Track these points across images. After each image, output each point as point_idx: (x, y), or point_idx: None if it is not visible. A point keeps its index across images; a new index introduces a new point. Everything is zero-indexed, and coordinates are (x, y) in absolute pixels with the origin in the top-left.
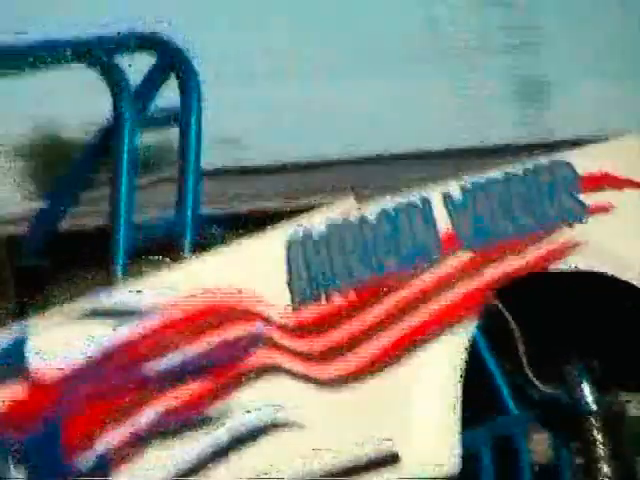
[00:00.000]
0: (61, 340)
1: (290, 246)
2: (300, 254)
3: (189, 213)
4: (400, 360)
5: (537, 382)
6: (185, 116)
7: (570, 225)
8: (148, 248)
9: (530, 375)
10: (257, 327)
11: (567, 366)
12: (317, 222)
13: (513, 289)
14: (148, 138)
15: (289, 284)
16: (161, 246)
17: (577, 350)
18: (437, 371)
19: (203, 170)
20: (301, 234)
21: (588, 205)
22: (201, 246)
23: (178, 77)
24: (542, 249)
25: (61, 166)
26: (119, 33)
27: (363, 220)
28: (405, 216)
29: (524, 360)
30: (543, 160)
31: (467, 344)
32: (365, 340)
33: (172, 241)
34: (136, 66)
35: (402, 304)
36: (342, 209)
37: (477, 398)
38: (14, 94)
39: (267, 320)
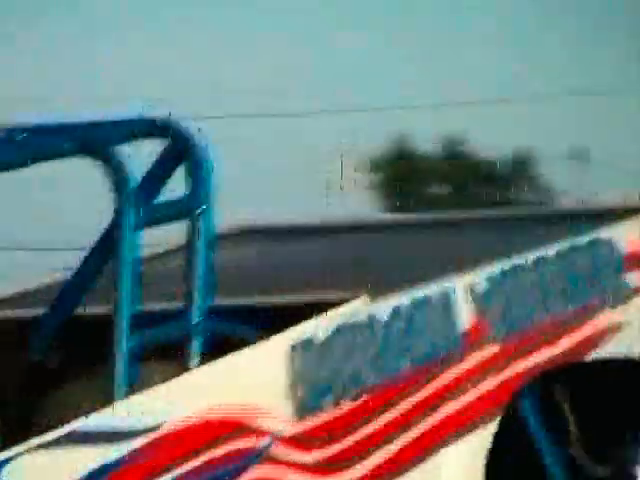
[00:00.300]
0: (43, 468)
1: (293, 352)
2: (303, 360)
3: (197, 316)
4: (416, 465)
5: (589, 462)
6: (194, 208)
7: (612, 307)
8: (154, 349)
9: (582, 455)
10: (260, 442)
11: (620, 447)
12: (323, 324)
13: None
14: None
15: (292, 392)
16: (169, 345)
17: (631, 430)
18: (456, 476)
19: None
20: (304, 338)
21: (633, 285)
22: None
23: (188, 166)
24: (579, 336)
25: (410, 179)
26: (125, 119)
27: (374, 318)
28: (422, 312)
29: (575, 440)
30: (581, 238)
31: (488, 444)
32: (378, 447)
33: (179, 342)
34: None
35: (418, 407)
36: (352, 308)
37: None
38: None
39: (271, 433)
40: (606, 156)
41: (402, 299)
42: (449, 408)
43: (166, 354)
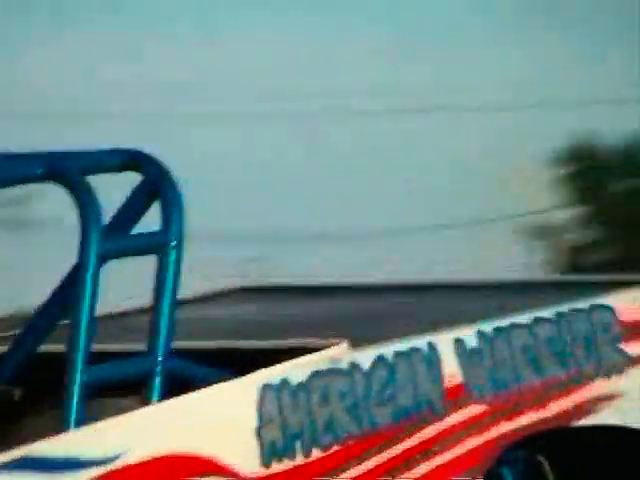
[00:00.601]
0: None
1: (263, 393)
2: (274, 402)
3: (160, 354)
4: None
5: None
6: (165, 244)
7: (607, 376)
8: (115, 385)
9: None
10: None
11: None
12: (298, 367)
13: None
14: None
15: (259, 435)
16: (130, 382)
17: None
18: None
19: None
20: (279, 380)
21: (631, 355)
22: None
23: (161, 201)
24: (569, 402)
25: (595, 175)
26: (98, 151)
27: (355, 366)
28: (406, 363)
29: None
30: (581, 303)
31: None
32: None
33: (141, 379)
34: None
35: (394, 462)
36: (331, 353)
37: None
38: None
39: (234, 476)
40: None
41: (386, 349)
42: (427, 466)
43: (129, 392)
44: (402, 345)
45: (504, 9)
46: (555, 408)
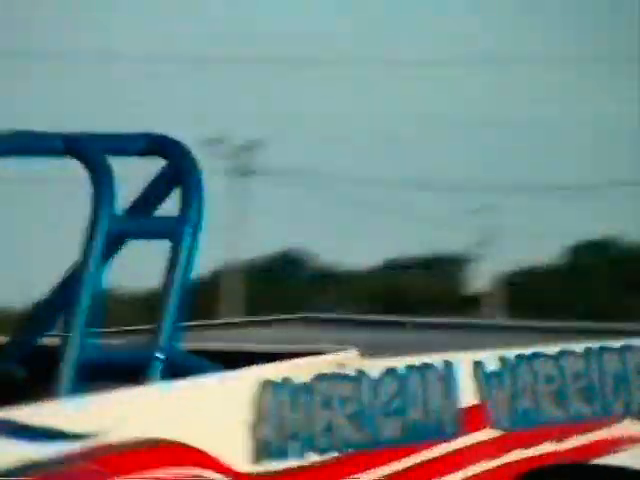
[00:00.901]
0: None
1: (263, 389)
2: (272, 399)
3: (164, 341)
4: None
5: None
6: (179, 230)
7: (637, 419)
8: (118, 369)
9: None
10: (209, 477)
11: None
12: (303, 367)
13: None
14: None
15: (254, 431)
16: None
17: None
18: None
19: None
20: (280, 377)
21: None
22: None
23: (182, 188)
24: (588, 438)
25: None
26: (124, 134)
27: (363, 374)
28: (419, 379)
29: None
30: (615, 342)
31: None
32: None
33: (142, 365)
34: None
35: (396, 477)
36: (339, 358)
37: None
38: None
39: (223, 470)
40: None
41: (397, 361)
42: None
43: (129, 377)
44: (415, 359)
45: None
46: (574, 443)
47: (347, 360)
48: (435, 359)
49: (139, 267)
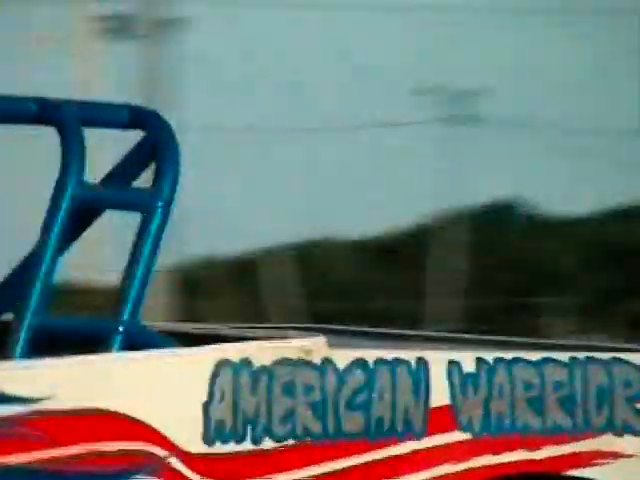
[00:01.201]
0: None
1: (220, 367)
2: (230, 380)
3: (124, 315)
4: None
5: None
6: (149, 205)
7: (618, 435)
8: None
9: None
10: (158, 454)
11: None
12: (265, 349)
13: None
14: None
15: (207, 411)
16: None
17: None
18: None
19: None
20: (239, 357)
21: None
22: None
23: (157, 161)
24: (565, 450)
25: None
26: (102, 103)
27: (329, 363)
28: (388, 373)
29: None
30: (603, 353)
31: None
32: None
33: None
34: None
35: (353, 474)
36: (306, 345)
37: None
38: None
39: (173, 448)
40: None
41: (367, 353)
42: None
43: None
44: (386, 353)
45: None
46: (546, 453)
47: (314, 347)
48: (408, 355)
49: None
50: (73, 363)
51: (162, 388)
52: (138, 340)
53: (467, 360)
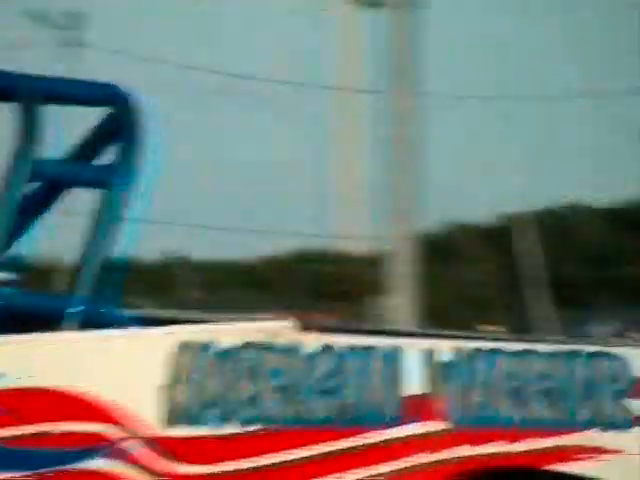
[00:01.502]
0: None
1: (183, 349)
2: (193, 361)
3: (83, 289)
4: None
5: None
6: (109, 182)
7: (602, 430)
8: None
9: None
10: (116, 434)
11: None
12: (230, 332)
13: None
14: None
15: (169, 393)
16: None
17: None
18: None
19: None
20: (204, 340)
21: (635, 414)
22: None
23: (122, 138)
24: (546, 444)
25: None
26: (72, 79)
27: (296, 347)
28: (359, 359)
29: None
30: (588, 346)
31: None
32: None
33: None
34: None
35: (322, 460)
36: (273, 328)
37: None
38: None
39: (132, 428)
40: None
41: (338, 338)
42: (364, 472)
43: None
44: (358, 339)
45: None
46: (525, 447)
47: (282, 330)
48: (382, 342)
49: None
50: (24, 341)
51: (120, 368)
52: (98, 318)
53: (444, 349)
